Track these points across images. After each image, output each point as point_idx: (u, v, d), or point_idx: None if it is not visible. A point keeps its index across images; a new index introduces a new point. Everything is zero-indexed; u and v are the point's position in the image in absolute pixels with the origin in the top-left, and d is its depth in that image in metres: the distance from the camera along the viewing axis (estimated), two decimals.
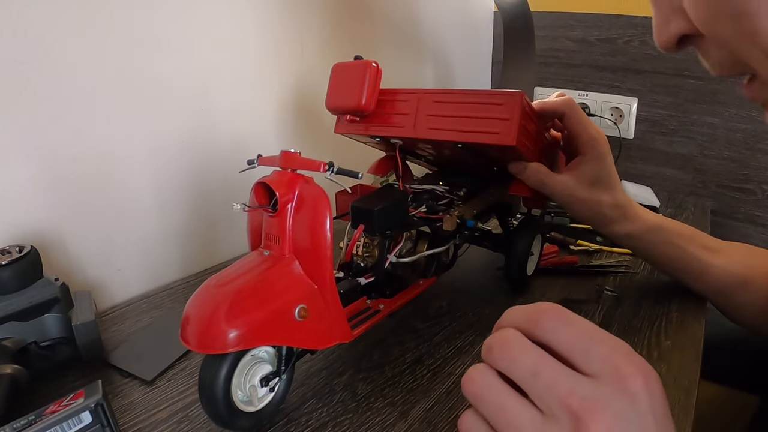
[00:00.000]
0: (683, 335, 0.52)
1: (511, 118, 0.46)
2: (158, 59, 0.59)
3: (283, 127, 0.76)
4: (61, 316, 0.45)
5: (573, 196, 0.53)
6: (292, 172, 0.40)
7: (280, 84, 0.74)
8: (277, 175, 0.40)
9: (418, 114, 0.51)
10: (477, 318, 0.55)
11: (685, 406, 0.43)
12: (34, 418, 0.34)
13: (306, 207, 0.39)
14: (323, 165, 0.39)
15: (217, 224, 0.70)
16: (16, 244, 0.46)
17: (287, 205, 0.39)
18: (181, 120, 0.63)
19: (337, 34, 0.82)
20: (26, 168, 0.50)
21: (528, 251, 0.59)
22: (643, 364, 0.25)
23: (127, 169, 0.58)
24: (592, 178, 0.53)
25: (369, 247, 0.50)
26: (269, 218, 0.40)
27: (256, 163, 0.42)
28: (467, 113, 0.49)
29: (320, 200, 0.38)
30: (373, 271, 0.48)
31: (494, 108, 0.47)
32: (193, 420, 0.41)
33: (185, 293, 0.61)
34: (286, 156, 0.40)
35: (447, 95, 0.50)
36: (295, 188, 0.39)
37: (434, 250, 0.53)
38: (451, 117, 0.49)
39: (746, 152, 0.99)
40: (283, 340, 0.38)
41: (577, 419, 0.23)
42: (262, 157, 0.42)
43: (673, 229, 0.56)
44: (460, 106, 0.49)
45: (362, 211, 0.46)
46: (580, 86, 1.12)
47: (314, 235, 0.38)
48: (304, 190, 0.39)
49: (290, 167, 0.40)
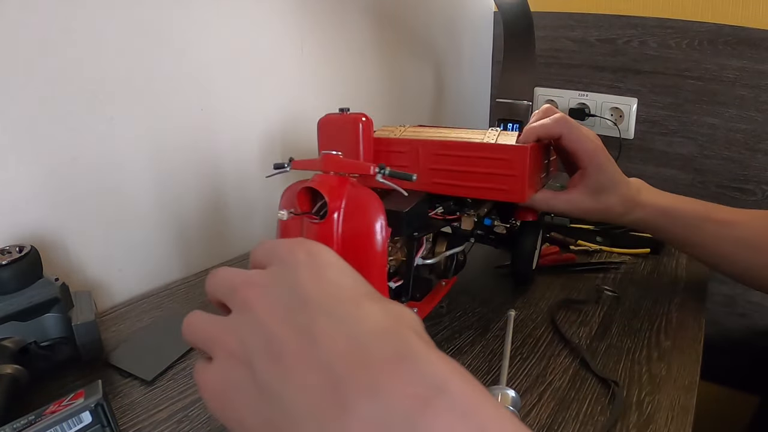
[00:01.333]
0: (683, 335, 0.53)
1: (518, 174, 0.46)
2: (158, 59, 0.59)
3: (283, 127, 0.76)
4: (61, 316, 0.45)
5: (581, 209, 0.55)
6: (339, 176, 0.37)
7: (280, 84, 0.74)
8: (322, 178, 0.36)
9: (420, 167, 0.50)
10: (477, 318, 0.55)
11: (685, 406, 0.43)
12: (34, 418, 0.34)
13: (357, 213, 0.36)
14: (373, 167, 0.36)
15: (218, 224, 0.70)
16: (16, 244, 0.46)
17: (336, 211, 0.36)
18: (181, 120, 0.63)
19: (338, 34, 0.82)
20: (26, 168, 0.50)
21: (534, 248, 0.60)
22: (311, 243, 0.26)
23: (128, 169, 0.58)
24: (596, 188, 0.54)
25: (392, 250, 0.49)
26: (314, 225, 0.36)
27: (287, 167, 0.39)
28: (471, 168, 0.48)
29: (373, 205, 0.36)
30: (402, 274, 0.47)
31: (500, 163, 0.47)
32: (193, 420, 0.41)
33: (185, 293, 0.61)
34: (327, 159, 0.37)
35: (448, 148, 0.49)
36: (344, 193, 0.36)
37: (454, 250, 0.53)
38: (455, 171, 0.48)
39: (746, 152, 0.99)
40: None
41: (243, 301, 0.24)
42: (296, 161, 0.39)
43: (687, 210, 0.56)
44: (463, 160, 0.48)
45: (390, 213, 0.45)
46: (580, 86, 1.12)
47: (368, 242, 0.36)
48: (353, 194, 0.36)
49: (333, 170, 0.37)
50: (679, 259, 0.71)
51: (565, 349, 0.50)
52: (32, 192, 0.51)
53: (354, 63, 0.85)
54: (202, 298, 0.60)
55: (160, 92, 0.60)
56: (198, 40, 0.62)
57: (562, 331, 0.52)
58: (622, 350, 0.50)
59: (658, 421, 0.41)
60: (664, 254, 0.72)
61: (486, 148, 0.48)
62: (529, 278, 0.62)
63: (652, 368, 0.47)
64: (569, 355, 0.49)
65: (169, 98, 0.61)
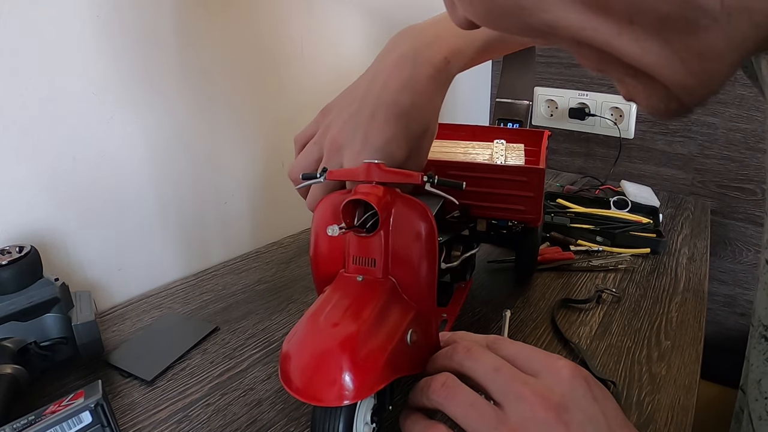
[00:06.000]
0: (683, 335, 0.53)
1: (536, 195, 0.46)
2: (158, 59, 0.59)
3: (283, 127, 0.76)
4: (61, 316, 0.45)
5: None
6: (384, 186, 0.35)
7: (280, 84, 0.74)
8: (368, 189, 0.34)
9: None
10: (477, 318, 0.55)
11: (685, 406, 0.43)
12: (34, 418, 0.34)
13: (407, 224, 0.34)
14: (422, 176, 0.35)
15: (218, 224, 0.70)
16: (16, 244, 0.46)
17: (386, 223, 0.34)
18: (181, 120, 0.63)
19: (338, 34, 0.82)
20: (26, 168, 0.50)
21: (539, 245, 0.61)
22: (570, 362, 0.32)
23: (128, 169, 0.58)
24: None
25: None
26: (361, 239, 0.35)
27: (321, 178, 0.37)
28: (486, 188, 0.48)
29: (423, 216, 0.34)
30: None
31: (516, 184, 0.47)
32: (193, 420, 0.41)
33: (185, 293, 0.61)
34: (370, 168, 0.35)
35: (461, 168, 0.49)
36: (392, 204, 0.34)
37: (471, 252, 0.53)
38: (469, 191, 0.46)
39: (746, 152, 0.99)
40: (400, 372, 0.33)
41: (531, 405, 0.29)
42: (332, 171, 0.37)
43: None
44: (478, 181, 0.48)
45: None
46: (580, 86, 1.11)
47: (419, 254, 0.34)
48: (400, 205, 0.35)
49: (377, 180, 0.35)
50: (679, 259, 0.71)
51: (565, 349, 0.50)
52: (32, 192, 0.51)
53: (354, 63, 0.85)
54: (202, 298, 0.60)
55: (159, 92, 0.60)
56: (198, 39, 0.62)
57: (562, 331, 0.52)
58: (622, 350, 0.50)
59: (658, 421, 0.41)
60: (664, 254, 0.72)
61: (502, 170, 0.49)
62: (531, 274, 0.63)
63: (652, 368, 0.47)
64: (569, 355, 0.49)
65: (168, 98, 0.61)
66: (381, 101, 0.40)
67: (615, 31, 0.20)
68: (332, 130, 0.42)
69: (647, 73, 0.21)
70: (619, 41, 0.20)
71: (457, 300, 0.51)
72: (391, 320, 0.33)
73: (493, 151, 0.59)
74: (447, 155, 0.59)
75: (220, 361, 0.49)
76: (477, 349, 0.33)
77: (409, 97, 0.40)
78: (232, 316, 0.56)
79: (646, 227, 0.77)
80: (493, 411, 0.30)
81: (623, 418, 0.30)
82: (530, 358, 0.32)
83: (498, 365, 0.31)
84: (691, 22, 0.18)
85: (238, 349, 0.50)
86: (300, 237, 0.77)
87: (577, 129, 1.13)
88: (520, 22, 0.22)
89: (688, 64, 0.20)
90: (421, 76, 0.41)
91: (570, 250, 0.70)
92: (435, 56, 0.42)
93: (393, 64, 0.41)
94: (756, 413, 0.38)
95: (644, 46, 0.20)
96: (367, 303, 0.33)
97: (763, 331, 0.38)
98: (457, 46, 0.43)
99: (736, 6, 0.18)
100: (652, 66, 0.20)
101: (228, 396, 0.44)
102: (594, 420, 0.29)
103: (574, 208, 0.85)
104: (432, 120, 0.42)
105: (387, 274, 0.35)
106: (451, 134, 0.66)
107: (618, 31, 0.20)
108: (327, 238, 0.37)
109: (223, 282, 0.64)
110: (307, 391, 0.30)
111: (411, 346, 0.34)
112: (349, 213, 0.35)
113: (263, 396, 0.44)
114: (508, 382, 0.30)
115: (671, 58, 0.20)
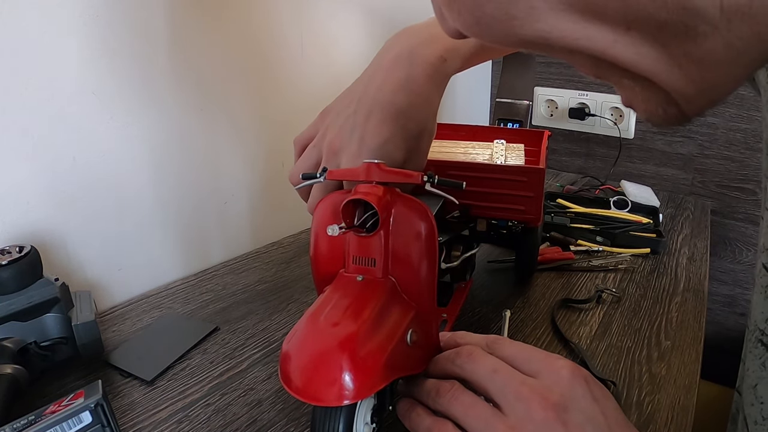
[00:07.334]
0: (683, 335, 0.53)
1: (536, 195, 0.46)
2: (158, 59, 0.59)
3: (283, 128, 0.76)
4: (61, 316, 0.45)
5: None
6: (384, 186, 0.35)
7: (280, 84, 0.74)
8: (368, 189, 0.34)
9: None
10: (477, 318, 0.55)
11: (685, 406, 0.43)
12: (34, 418, 0.34)
13: (407, 224, 0.34)
14: (422, 176, 0.35)
15: (218, 225, 0.70)
16: (16, 244, 0.46)
17: (386, 223, 0.34)
18: (180, 119, 0.63)
19: (338, 35, 0.82)
20: (26, 168, 0.50)
21: (539, 245, 0.61)
22: (570, 362, 0.32)
23: (128, 169, 0.58)
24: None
25: None
26: (361, 239, 0.35)
27: (321, 178, 0.38)
28: (486, 188, 0.48)
29: (423, 216, 0.34)
30: None
31: (516, 184, 0.47)
32: (193, 420, 0.41)
33: (185, 293, 0.61)
34: (370, 168, 0.35)
35: (461, 168, 0.49)
36: (393, 204, 0.35)
37: (471, 252, 0.53)
38: (469, 191, 0.46)
39: (746, 152, 0.99)
40: (400, 372, 0.33)
41: (528, 405, 0.29)
42: (332, 170, 0.37)
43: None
44: (478, 181, 0.48)
45: None
46: (580, 86, 1.11)
47: (419, 254, 0.34)
48: (400, 205, 0.35)
49: (377, 180, 0.35)
50: (679, 259, 0.71)
51: (565, 349, 0.50)
52: (32, 192, 0.51)
53: (354, 64, 0.85)
54: (202, 298, 0.60)
55: (159, 92, 0.60)
56: (198, 39, 0.62)
57: (562, 331, 0.52)
58: (622, 350, 0.50)
59: (658, 421, 0.41)
60: (664, 254, 0.72)
61: (501, 169, 0.48)
62: (532, 274, 0.63)
63: (652, 368, 0.47)
64: (569, 355, 0.49)
65: (168, 98, 0.61)
66: (377, 102, 0.40)
67: (611, 39, 0.20)
68: (330, 133, 0.42)
69: (645, 77, 0.21)
70: (615, 49, 0.20)
71: (457, 300, 0.51)
72: (391, 320, 0.33)
73: (493, 151, 0.59)
74: (447, 155, 0.59)
75: (220, 361, 0.49)
76: (478, 352, 0.34)
77: (406, 97, 0.40)
78: (232, 316, 0.56)
79: (646, 227, 0.78)
80: (491, 411, 0.30)
81: (623, 418, 0.30)
82: (530, 358, 0.33)
83: (497, 366, 0.32)
84: (689, 29, 0.18)
85: (238, 349, 0.50)
86: (300, 237, 0.77)
87: (577, 129, 1.13)
88: (511, 33, 0.21)
89: (686, 70, 0.20)
90: (417, 76, 0.41)
91: (570, 250, 0.70)
92: (431, 55, 0.42)
93: (389, 64, 0.41)
94: (752, 417, 0.38)
95: (641, 52, 0.20)
96: (367, 303, 0.33)
97: (759, 336, 0.38)
98: (453, 45, 0.43)
99: (736, 12, 0.17)
100: (650, 71, 0.20)
101: (228, 396, 0.44)
102: (593, 420, 0.29)
103: (574, 208, 0.85)
104: (429, 119, 0.42)
105: (387, 273, 0.35)
106: (451, 134, 0.66)
107: (614, 38, 0.20)
108: (327, 237, 0.37)
109: (223, 282, 0.64)
110: (307, 391, 0.29)
111: (411, 346, 0.34)
112: (349, 213, 0.35)
113: (263, 396, 0.44)
114: (507, 383, 0.31)
115: (669, 64, 0.20)
